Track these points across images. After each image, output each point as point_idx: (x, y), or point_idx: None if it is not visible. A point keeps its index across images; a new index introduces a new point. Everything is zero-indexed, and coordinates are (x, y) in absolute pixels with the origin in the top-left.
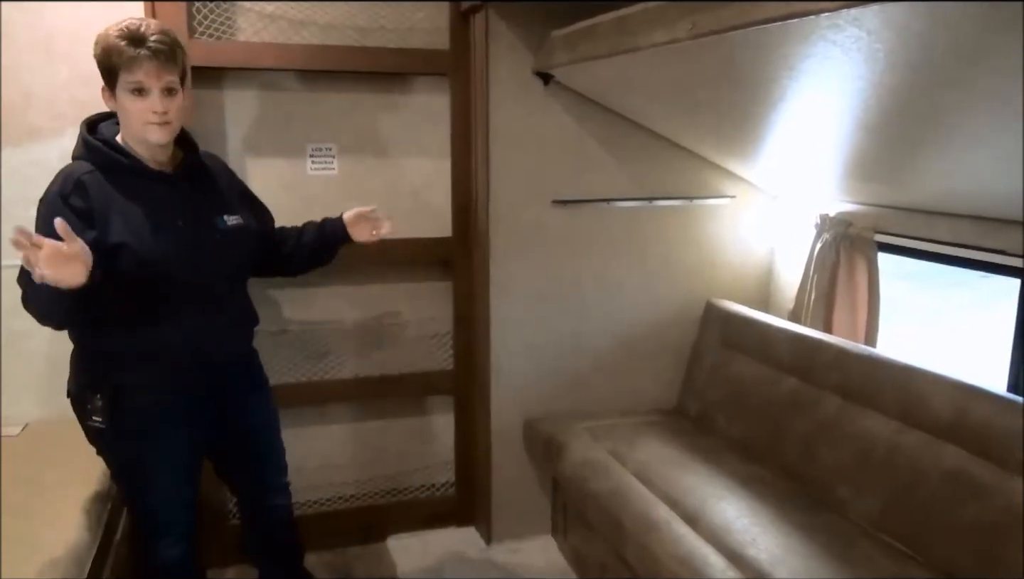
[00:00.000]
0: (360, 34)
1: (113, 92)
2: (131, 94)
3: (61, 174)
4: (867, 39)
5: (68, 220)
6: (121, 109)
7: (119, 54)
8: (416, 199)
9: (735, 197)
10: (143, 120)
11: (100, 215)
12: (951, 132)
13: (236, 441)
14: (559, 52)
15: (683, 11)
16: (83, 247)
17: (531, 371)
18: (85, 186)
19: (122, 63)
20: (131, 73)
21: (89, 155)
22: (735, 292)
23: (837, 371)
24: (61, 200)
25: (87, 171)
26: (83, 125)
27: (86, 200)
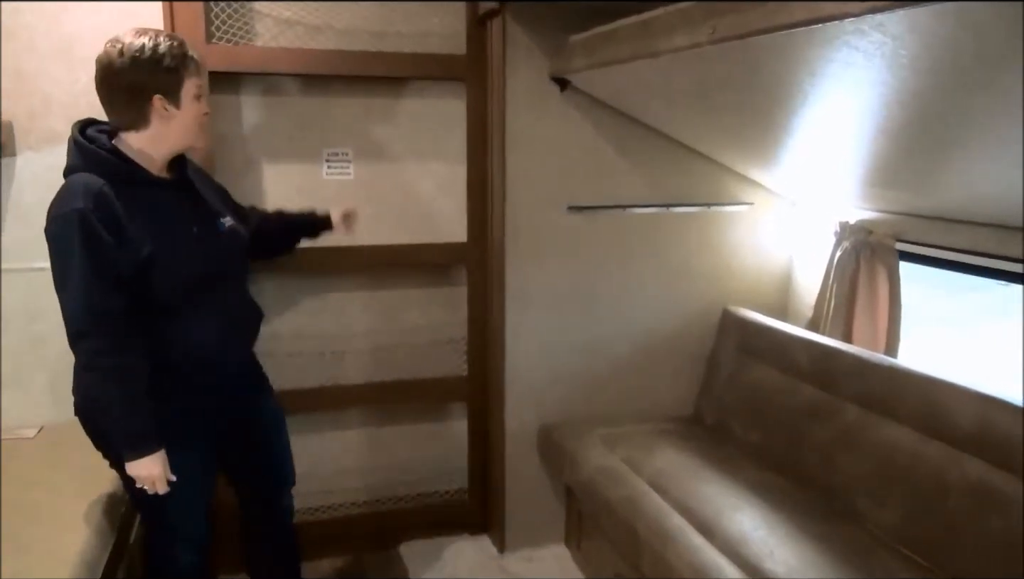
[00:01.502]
0: (376, 39)
1: (175, 101)
2: (195, 99)
3: (77, 189)
4: (891, 44)
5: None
6: (181, 116)
7: (192, 62)
8: (432, 204)
9: (753, 204)
10: (199, 124)
11: (126, 228)
12: (975, 137)
13: (248, 441)
14: (577, 57)
15: (704, 15)
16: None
17: (546, 377)
18: (107, 198)
19: (195, 70)
20: (200, 77)
21: (95, 165)
22: (753, 299)
23: (857, 381)
24: (92, 218)
25: (101, 184)
26: (78, 134)
27: (111, 213)
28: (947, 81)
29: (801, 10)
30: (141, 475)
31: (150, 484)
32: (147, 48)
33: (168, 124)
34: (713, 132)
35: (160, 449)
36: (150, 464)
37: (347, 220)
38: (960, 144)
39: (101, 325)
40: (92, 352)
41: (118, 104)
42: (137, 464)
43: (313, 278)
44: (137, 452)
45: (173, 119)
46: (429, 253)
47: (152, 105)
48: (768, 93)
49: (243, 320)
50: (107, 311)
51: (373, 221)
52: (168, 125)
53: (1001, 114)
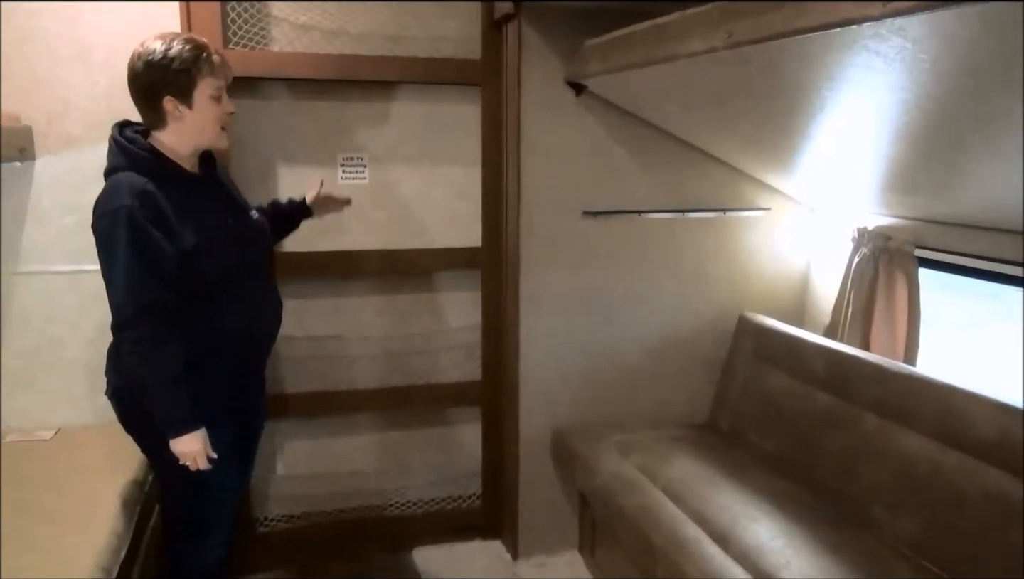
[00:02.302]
0: (392, 43)
1: (187, 101)
2: (212, 100)
3: (122, 187)
4: (911, 48)
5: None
6: (196, 116)
7: (206, 63)
8: (446, 208)
9: (770, 209)
10: (219, 124)
11: (171, 222)
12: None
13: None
14: (592, 62)
15: (720, 19)
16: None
17: (560, 382)
18: (152, 196)
19: (210, 71)
20: (217, 79)
21: (136, 164)
22: (769, 305)
23: (875, 388)
24: (139, 215)
25: (145, 182)
26: (117, 134)
27: (157, 210)
28: (968, 84)
29: (819, 13)
30: (183, 452)
31: (192, 460)
32: (158, 52)
33: (182, 124)
34: (729, 137)
35: (201, 427)
36: (192, 441)
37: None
38: (980, 149)
39: (145, 316)
40: (136, 340)
41: (139, 105)
42: (180, 441)
43: (328, 282)
44: (180, 430)
45: (185, 119)
46: (443, 257)
47: (164, 106)
48: (785, 98)
49: (272, 304)
50: (151, 303)
51: (387, 225)
52: (182, 125)
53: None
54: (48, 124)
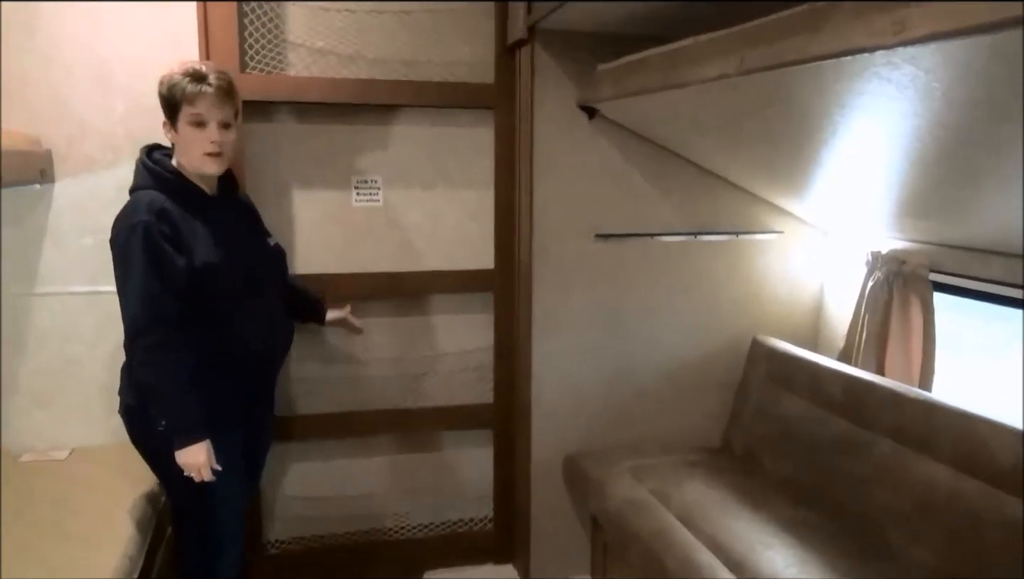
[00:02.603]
0: (407, 68)
1: (174, 126)
2: (192, 126)
3: (141, 204)
4: (924, 77)
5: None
6: (182, 141)
7: (182, 89)
8: (459, 231)
9: (783, 232)
10: (201, 150)
11: (185, 239)
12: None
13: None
14: (605, 86)
15: (732, 46)
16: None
17: (572, 405)
18: (168, 214)
19: (185, 97)
20: (193, 106)
21: (157, 183)
22: (783, 328)
23: (891, 414)
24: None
25: (163, 200)
26: (143, 156)
27: (171, 226)
28: (981, 113)
29: (831, 42)
30: (188, 462)
31: (196, 471)
32: (165, 78)
33: (178, 147)
34: (742, 161)
35: (206, 438)
36: (197, 451)
37: (343, 322)
38: (992, 175)
39: (156, 325)
40: (147, 348)
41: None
42: (185, 451)
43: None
44: (186, 439)
45: (177, 142)
46: (456, 280)
47: (164, 127)
48: (798, 123)
49: (282, 324)
50: (162, 313)
51: (401, 247)
52: (177, 148)
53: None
54: (68, 147)
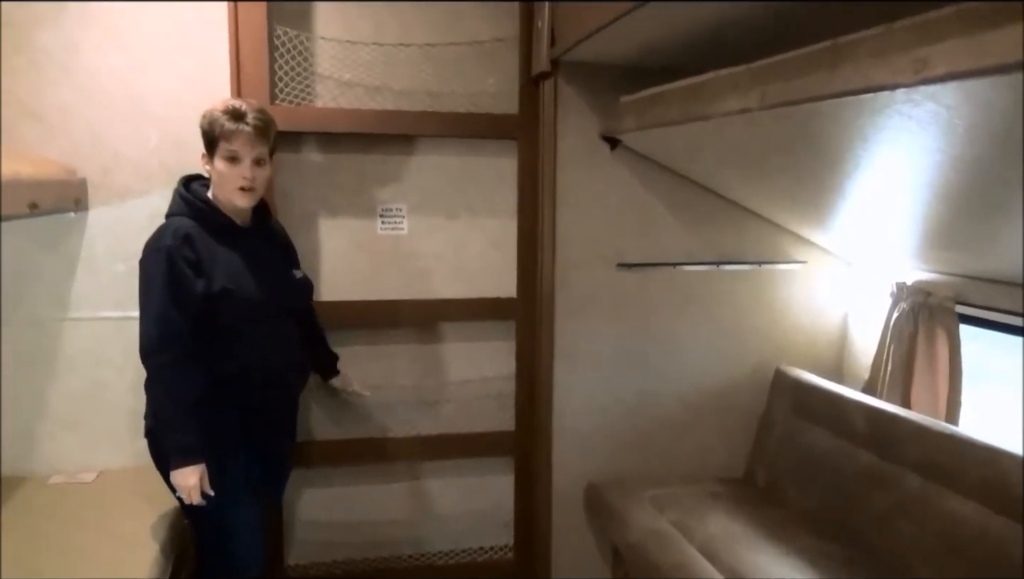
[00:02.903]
0: (432, 99)
1: (211, 158)
2: (227, 161)
3: (169, 229)
4: (946, 113)
5: (182, 272)
6: (217, 174)
7: (221, 126)
8: (482, 259)
9: (807, 262)
10: (234, 185)
11: (206, 265)
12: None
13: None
14: (627, 118)
15: (753, 81)
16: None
17: (594, 434)
18: (192, 240)
19: (223, 134)
20: (229, 143)
21: (189, 211)
22: (807, 359)
23: (917, 448)
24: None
25: (191, 226)
26: (180, 185)
27: (194, 252)
28: (1004, 149)
29: (851, 79)
30: (179, 483)
31: (187, 493)
32: (205, 114)
33: (214, 179)
34: (764, 192)
35: (202, 462)
36: (189, 474)
37: (348, 390)
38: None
39: (170, 344)
40: (158, 366)
41: None
42: (180, 472)
43: (364, 330)
44: (182, 460)
45: (213, 175)
46: (479, 307)
47: (202, 160)
48: (820, 156)
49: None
50: (177, 333)
51: (424, 275)
52: (214, 180)
53: None
54: (102, 176)
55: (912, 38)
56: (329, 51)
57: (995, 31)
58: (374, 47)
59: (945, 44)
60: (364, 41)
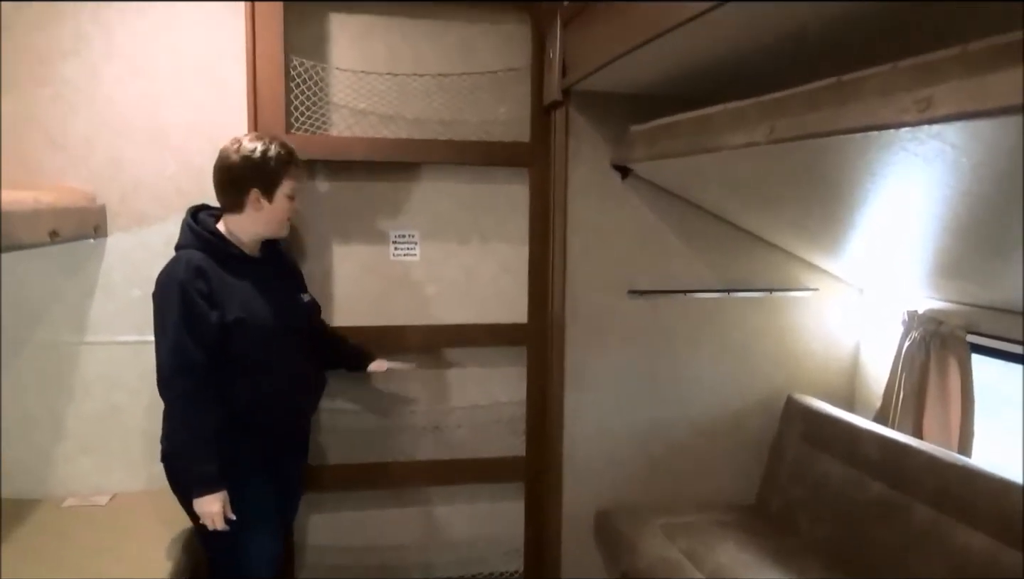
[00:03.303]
0: (445, 127)
1: (269, 196)
2: (287, 198)
3: (181, 262)
4: (952, 152)
5: (196, 305)
6: (271, 210)
7: (292, 167)
8: (493, 285)
9: (818, 290)
10: (286, 217)
11: (219, 296)
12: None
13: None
14: (638, 147)
15: (760, 115)
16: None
17: (604, 460)
18: (204, 272)
19: (287, 172)
20: (295, 180)
21: (199, 243)
22: (818, 386)
23: (929, 479)
24: (190, 287)
25: (202, 258)
26: (189, 218)
27: (207, 284)
28: (1011, 185)
29: (857, 116)
30: (203, 511)
31: (210, 520)
32: (258, 151)
33: (259, 214)
34: (775, 220)
35: (223, 490)
36: (212, 501)
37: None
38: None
39: (186, 374)
40: (176, 397)
41: (223, 190)
42: (202, 501)
43: None
44: (203, 489)
45: (263, 210)
46: (490, 333)
47: (249, 196)
48: (828, 188)
49: (315, 375)
50: (192, 364)
51: (436, 300)
52: (259, 215)
53: None
54: (121, 203)
55: (916, 78)
56: (344, 81)
57: (997, 73)
58: (388, 77)
59: (948, 84)
60: (379, 71)
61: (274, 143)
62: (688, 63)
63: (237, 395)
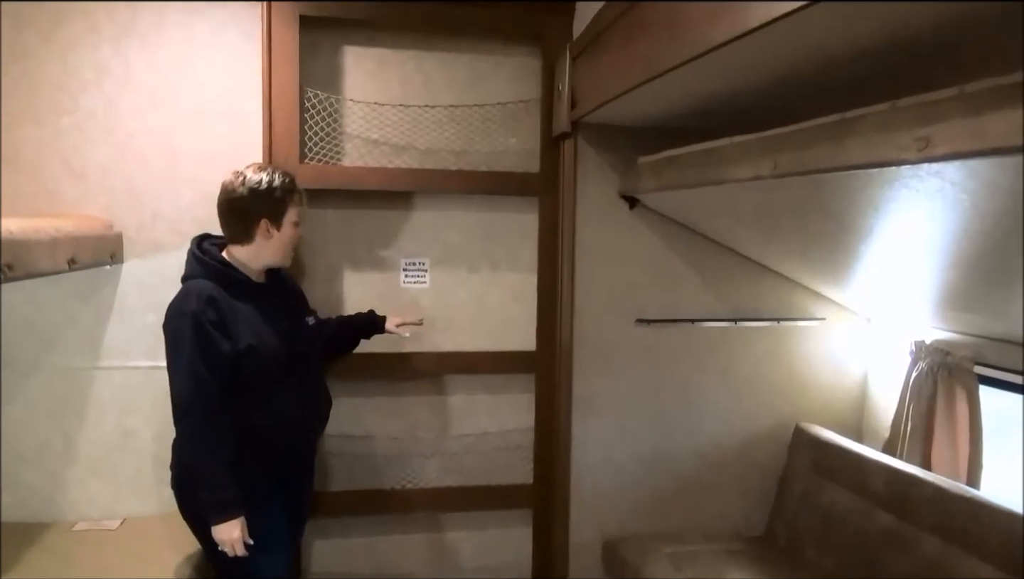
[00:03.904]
0: (456, 157)
1: (277, 224)
2: (294, 226)
3: (192, 293)
4: (951, 189)
5: (208, 335)
6: (278, 238)
7: (290, 192)
8: (502, 312)
9: (825, 319)
10: (292, 245)
11: (230, 325)
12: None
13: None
14: (645, 178)
15: (765, 150)
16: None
17: (612, 488)
18: (215, 301)
19: (293, 200)
20: (300, 208)
21: (207, 273)
22: (826, 416)
23: (937, 511)
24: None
25: (212, 288)
26: (195, 248)
27: (218, 313)
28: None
29: (858, 153)
30: (223, 538)
31: (230, 546)
32: (263, 182)
33: (268, 242)
34: (780, 251)
35: (241, 515)
36: (231, 527)
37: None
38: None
39: (201, 405)
40: (192, 426)
41: (232, 222)
42: (220, 528)
43: (385, 382)
44: (223, 516)
45: (272, 239)
46: (499, 360)
47: (259, 226)
48: (833, 221)
49: (323, 396)
50: (206, 394)
51: (445, 328)
52: (267, 243)
53: None
54: (137, 231)
55: (915, 117)
56: (357, 112)
57: (995, 113)
58: (401, 108)
59: (948, 124)
60: (391, 103)
61: (277, 173)
62: (694, 98)
63: (248, 420)
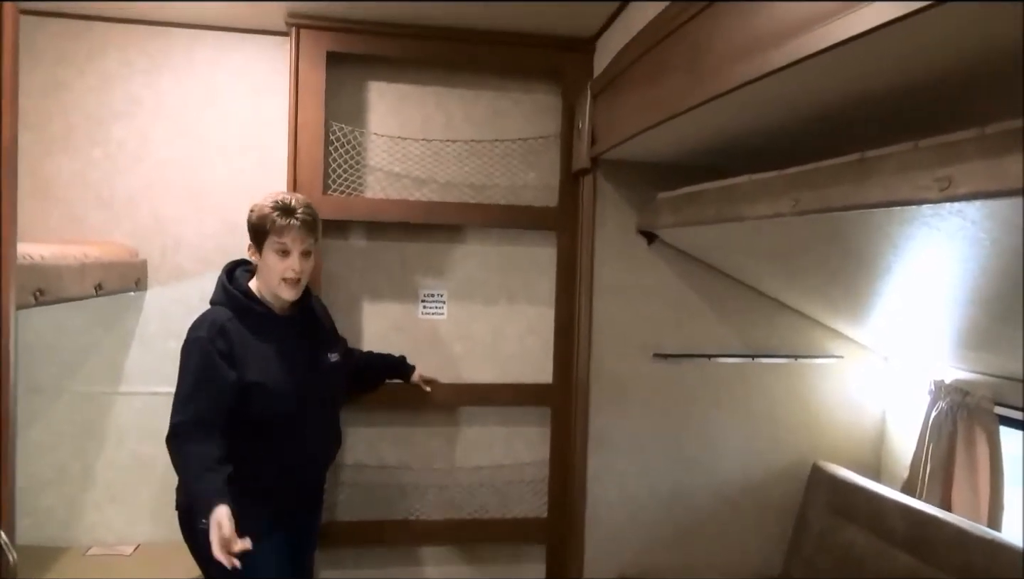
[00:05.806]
0: (475, 191)
1: (259, 250)
2: (276, 254)
3: (206, 321)
4: (972, 228)
5: (214, 362)
6: (264, 265)
7: (272, 222)
8: (519, 345)
9: (843, 357)
10: (280, 276)
11: (239, 357)
12: None
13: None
14: (664, 214)
15: (785, 187)
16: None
17: (627, 525)
18: (227, 332)
19: (273, 229)
20: (280, 237)
21: (228, 301)
22: (844, 455)
23: (957, 553)
24: (211, 347)
25: (227, 318)
26: (224, 273)
27: (228, 344)
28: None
29: (878, 192)
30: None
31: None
32: (256, 207)
33: (260, 269)
34: (799, 288)
35: (226, 503)
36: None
37: (426, 383)
38: None
39: (196, 427)
40: (180, 444)
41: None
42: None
43: (400, 412)
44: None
45: (260, 266)
46: (515, 393)
47: (251, 252)
48: (852, 259)
49: (332, 435)
50: (202, 420)
51: (462, 359)
52: (260, 270)
53: None
54: (162, 258)
55: (936, 157)
56: (380, 145)
57: (1016, 154)
58: (423, 142)
59: (969, 165)
60: (413, 137)
61: (278, 199)
62: (713, 136)
63: (255, 456)
